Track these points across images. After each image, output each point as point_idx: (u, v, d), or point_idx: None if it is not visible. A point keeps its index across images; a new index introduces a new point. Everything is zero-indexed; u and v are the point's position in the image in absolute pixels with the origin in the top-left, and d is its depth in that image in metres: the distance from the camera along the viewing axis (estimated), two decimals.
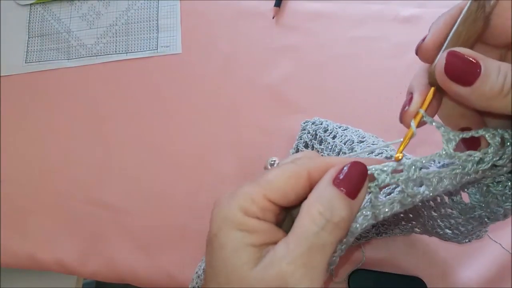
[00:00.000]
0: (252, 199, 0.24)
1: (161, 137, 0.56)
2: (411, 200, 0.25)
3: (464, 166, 0.25)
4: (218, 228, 0.24)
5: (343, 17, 0.59)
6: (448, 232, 0.35)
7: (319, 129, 0.46)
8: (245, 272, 0.22)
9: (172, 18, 0.62)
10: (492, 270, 0.45)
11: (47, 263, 0.52)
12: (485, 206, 0.29)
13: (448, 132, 0.25)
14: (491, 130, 0.25)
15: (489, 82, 0.22)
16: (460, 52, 0.23)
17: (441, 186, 0.25)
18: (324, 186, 0.24)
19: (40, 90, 0.60)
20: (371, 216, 0.25)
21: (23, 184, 0.55)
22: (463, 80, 0.23)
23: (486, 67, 0.22)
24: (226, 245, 0.23)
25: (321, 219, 0.22)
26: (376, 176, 0.24)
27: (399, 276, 0.45)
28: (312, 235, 0.22)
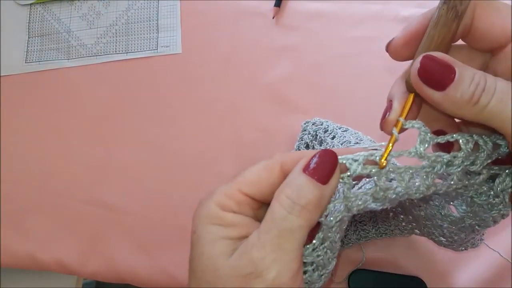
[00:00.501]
0: (227, 194, 0.25)
1: (161, 137, 0.56)
2: (383, 194, 0.25)
3: (433, 166, 0.25)
4: (196, 225, 0.25)
5: (343, 17, 0.59)
6: (442, 240, 0.35)
7: (319, 129, 0.46)
8: (219, 263, 0.23)
9: (172, 18, 0.62)
10: (492, 270, 0.45)
11: (47, 263, 0.52)
12: (473, 215, 0.29)
13: (426, 133, 0.25)
14: (466, 135, 0.25)
15: (461, 89, 0.22)
16: (436, 56, 0.23)
17: (413, 185, 0.25)
18: (295, 174, 0.24)
19: (40, 90, 0.60)
20: (344, 209, 0.25)
21: (23, 184, 0.55)
22: (437, 84, 0.23)
23: (461, 73, 0.22)
24: (202, 239, 0.24)
25: (288, 201, 0.23)
26: (348, 166, 0.25)
27: (399, 276, 0.45)
28: (280, 219, 0.23)
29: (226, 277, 0.22)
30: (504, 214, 0.28)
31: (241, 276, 0.22)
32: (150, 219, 0.52)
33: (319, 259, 0.25)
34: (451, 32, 0.24)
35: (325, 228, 0.25)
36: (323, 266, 0.26)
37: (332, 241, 0.25)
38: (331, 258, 0.26)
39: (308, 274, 0.25)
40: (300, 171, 0.24)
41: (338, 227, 0.25)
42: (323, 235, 0.25)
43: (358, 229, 0.44)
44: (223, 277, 0.22)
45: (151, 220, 0.52)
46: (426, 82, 0.23)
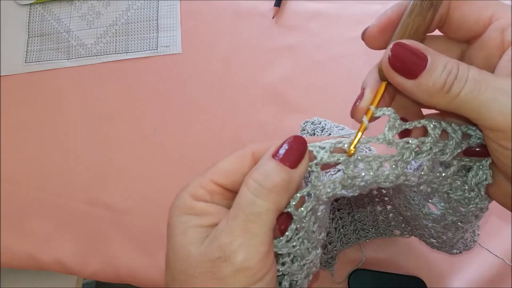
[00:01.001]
0: (200, 184, 0.25)
1: (161, 137, 0.56)
2: (351, 182, 0.25)
3: (402, 153, 0.24)
4: (170, 217, 0.25)
5: (343, 17, 0.59)
6: (433, 241, 0.35)
7: (317, 128, 0.46)
8: (190, 251, 0.23)
9: (172, 18, 0.62)
10: (491, 270, 0.45)
11: (47, 263, 0.52)
12: (453, 211, 0.29)
13: (396, 120, 0.25)
14: (434, 121, 0.25)
15: (433, 77, 0.22)
16: (407, 44, 0.23)
17: (382, 173, 0.25)
18: (264, 160, 0.24)
19: (40, 90, 0.60)
20: (313, 197, 0.25)
21: (23, 184, 0.55)
22: (408, 72, 0.22)
23: (433, 60, 0.22)
24: (175, 230, 0.24)
25: (255, 185, 0.23)
26: (315, 154, 0.24)
27: (399, 276, 0.45)
28: (247, 203, 0.23)
29: (196, 263, 0.22)
30: (482, 207, 0.28)
31: (210, 261, 0.22)
32: (150, 219, 0.52)
33: (295, 249, 0.25)
34: (425, 22, 0.24)
35: (297, 219, 0.25)
36: (302, 256, 0.26)
37: (308, 231, 0.25)
38: (310, 248, 0.26)
39: (286, 265, 0.25)
40: (269, 156, 0.24)
41: (311, 216, 0.25)
42: (295, 226, 0.25)
43: (357, 228, 0.44)
44: (193, 263, 0.22)
45: (151, 220, 0.52)
46: (397, 70, 0.23)
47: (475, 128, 0.25)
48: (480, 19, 0.24)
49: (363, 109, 0.25)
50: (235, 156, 0.26)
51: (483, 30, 0.24)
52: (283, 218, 0.25)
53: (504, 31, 0.23)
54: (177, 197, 0.26)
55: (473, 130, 0.25)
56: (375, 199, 0.41)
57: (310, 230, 0.26)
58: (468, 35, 0.25)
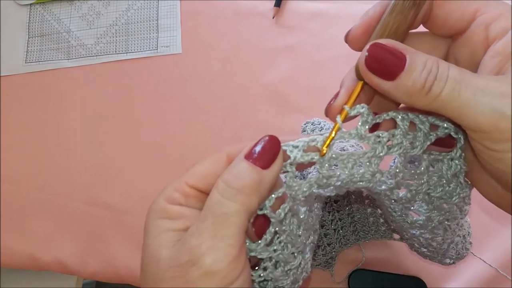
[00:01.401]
0: (175, 187, 0.25)
1: (161, 137, 0.56)
2: (327, 182, 0.24)
3: (374, 148, 0.24)
4: (146, 222, 0.25)
5: (343, 17, 0.59)
6: (424, 250, 0.34)
7: (316, 129, 0.46)
8: (161, 254, 0.23)
9: (172, 18, 0.62)
10: (491, 270, 0.45)
11: (47, 263, 0.52)
12: (438, 211, 0.28)
13: (369, 116, 0.24)
14: (401, 113, 0.25)
15: (413, 76, 0.21)
16: (384, 44, 0.22)
17: (357, 172, 0.24)
18: (236, 161, 0.24)
19: (40, 90, 0.60)
20: (290, 198, 0.24)
21: (23, 184, 0.55)
22: (386, 73, 0.22)
23: (412, 60, 0.21)
24: (149, 233, 0.24)
25: (223, 186, 0.22)
26: (289, 153, 0.24)
27: (399, 276, 0.45)
28: (215, 204, 0.22)
29: (165, 267, 0.22)
30: (465, 196, 0.27)
31: (179, 266, 0.22)
32: None
33: (277, 254, 0.24)
34: (407, 21, 0.23)
35: (274, 222, 0.24)
36: (285, 261, 0.25)
37: (291, 234, 0.25)
38: (296, 253, 0.25)
39: (268, 270, 0.25)
40: (242, 157, 0.23)
41: (291, 219, 0.25)
42: (274, 229, 0.24)
43: (357, 229, 0.44)
44: (163, 267, 0.22)
45: None
46: (374, 71, 0.22)
47: (442, 119, 0.25)
48: (464, 15, 0.24)
49: (337, 108, 0.25)
50: (210, 158, 0.26)
51: (467, 25, 0.24)
52: (261, 221, 0.24)
53: (488, 26, 0.23)
54: (153, 202, 0.25)
55: (441, 120, 0.25)
56: (375, 202, 0.41)
57: (294, 234, 0.25)
58: (453, 31, 0.25)
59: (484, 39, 0.23)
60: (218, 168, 0.25)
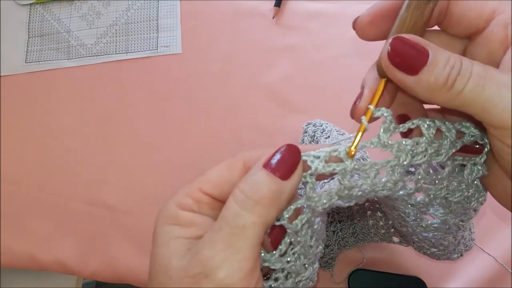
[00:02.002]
0: (187, 193, 0.24)
1: (161, 137, 0.56)
2: (348, 193, 0.24)
3: (398, 156, 0.23)
4: (155, 227, 0.24)
5: (343, 17, 0.59)
6: (434, 250, 0.34)
7: (317, 130, 0.46)
8: (171, 264, 0.22)
9: (172, 18, 0.62)
10: (491, 270, 0.45)
11: (47, 263, 0.52)
12: (454, 214, 0.28)
13: (391, 123, 0.24)
14: (427, 121, 0.24)
15: (435, 72, 0.21)
16: (407, 38, 0.22)
17: (380, 181, 0.24)
18: (254, 169, 0.23)
19: (40, 90, 0.60)
20: (308, 210, 0.24)
21: (23, 184, 0.55)
22: (409, 68, 0.21)
23: (434, 55, 0.21)
24: (158, 240, 0.23)
25: (241, 196, 0.21)
26: (309, 163, 0.23)
27: (399, 276, 0.45)
28: (232, 215, 0.21)
29: (175, 278, 0.21)
30: (482, 201, 0.27)
31: (190, 277, 0.21)
32: (150, 219, 0.52)
33: (290, 265, 0.24)
34: (424, 17, 0.23)
35: (291, 232, 0.23)
36: (297, 273, 0.24)
37: (305, 246, 0.24)
38: (307, 264, 0.25)
39: (280, 281, 0.24)
40: (260, 166, 0.22)
41: (307, 230, 0.24)
42: (290, 240, 0.24)
43: (356, 232, 0.44)
44: (173, 278, 0.21)
45: (151, 220, 0.51)
46: (397, 65, 0.22)
47: (468, 125, 0.25)
48: (482, 14, 0.23)
49: (362, 109, 0.24)
50: (225, 164, 0.25)
51: (485, 25, 0.23)
52: (276, 231, 0.24)
53: (508, 25, 0.22)
54: (163, 206, 0.25)
55: (467, 127, 0.25)
56: (375, 205, 0.41)
57: (307, 245, 0.24)
58: (469, 30, 0.24)
59: (503, 38, 0.23)
60: (234, 176, 0.24)
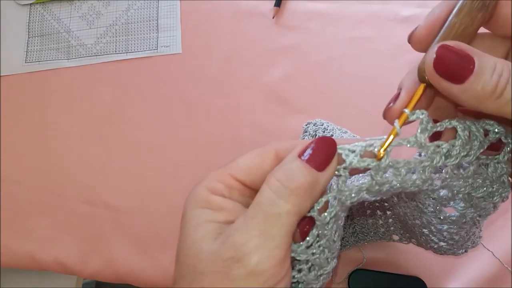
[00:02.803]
0: (218, 178, 0.24)
1: (161, 137, 0.56)
2: (379, 188, 0.24)
3: (432, 158, 0.24)
4: (185, 209, 0.24)
5: (343, 17, 0.59)
6: (443, 245, 0.34)
7: (319, 129, 0.46)
8: (202, 246, 0.22)
9: (172, 18, 0.62)
10: (491, 270, 0.45)
11: (47, 263, 0.52)
12: (474, 208, 0.28)
13: (428, 123, 0.24)
14: (462, 122, 0.24)
15: (482, 80, 0.20)
16: (453, 46, 0.21)
17: (410, 179, 0.24)
18: (289, 159, 0.23)
19: (39, 90, 0.60)
20: (338, 203, 0.24)
21: (23, 184, 0.55)
22: (455, 76, 0.21)
23: (481, 63, 0.21)
24: (188, 223, 0.23)
25: (277, 184, 0.21)
26: (344, 157, 0.23)
27: (399, 276, 0.45)
28: (267, 203, 0.21)
29: (206, 261, 0.21)
30: (505, 196, 0.27)
31: (222, 261, 0.21)
32: (150, 219, 0.52)
33: (314, 257, 0.24)
34: (474, 23, 0.22)
35: (319, 225, 0.24)
36: (320, 266, 0.25)
37: (330, 240, 0.24)
38: (330, 258, 0.25)
39: (303, 273, 0.25)
40: (295, 156, 0.22)
41: (334, 224, 0.24)
42: (317, 232, 0.24)
43: (356, 231, 0.44)
44: (204, 261, 0.21)
45: (151, 220, 0.52)
46: (442, 74, 0.21)
47: (492, 122, 0.25)
48: None
49: (397, 111, 0.24)
50: (257, 152, 0.25)
51: None
52: (305, 223, 0.24)
53: None
54: (193, 190, 0.24)
55: (491, 125, 0.25)
56: (375, 203, 0.41)
57: (331, 239, 0.25)
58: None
59: None
60: (265, 164, 0.24)
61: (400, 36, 0.56)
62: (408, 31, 0.58)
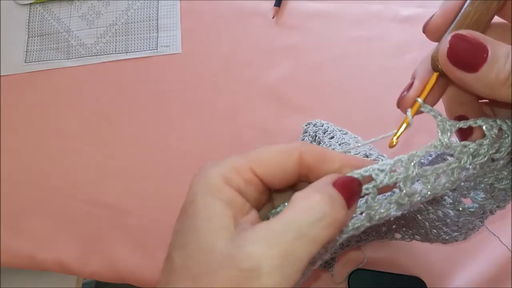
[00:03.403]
0: (236, 169, 0.22)
1: (161, 137, 0.56)
2: (409, 200, 0.23)
3: (459, 158, 0.23)
4: (194, 193, 0.22)
5: (343, 17, 0.59)
6: (456, 235, 0.34)
7: (319, 130, 0.46)
8: (216, 244, 0.20)
9: (172, 18, 0.62)
10: (491, 270, 0.45)
11: (47, 263, 0.52)
12: (494, 200, 0.28)
13: (445, 122, 0.23)
14: (490, 121, 0.24)
15: (496, 68, 0.20)
16: (466, 35, 0.21)
17: (439, 184, 0.23)
18: (325, 183, 0.22)
19: (39, 90, 0.60)
20: (365, 217, 0.23)
21: (23, 184, 0.55)
22: (468, 65, 0.21)
23: (494, 51, 0.20)
24: (201, 212, 0.21)
25: (320, 210, 0.20)
26: (374, 177, 0.23)
27: (399, 276, 0.45)
28: (306, 224, 0.20)
29: (220, 263, 0.19)
30: None
31: (237, 269, 0.19)
32: (150, 219, 0.52)
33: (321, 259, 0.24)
34: (489, 12, 0.22)
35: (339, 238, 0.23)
36: (313, 263, 0.25)
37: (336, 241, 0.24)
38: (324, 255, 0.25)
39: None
40: (330, 183, 0.22)
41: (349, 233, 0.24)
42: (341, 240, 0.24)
43: None
44: (217, 261, 0.19)
45: (151, 220, 0.52)
46: (456, 64, 0.21)
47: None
48: None
49: (411, 100, 0.24)
50: (281, 149, 0.23)
51: None
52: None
53: None
54: (204, 174, 0.22)
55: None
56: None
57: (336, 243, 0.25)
58: None
59: None
60: (288, 164, 0.23)
61: (400, 36, 0.56)
62: (408, 31, 0.58)
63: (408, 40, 0.55)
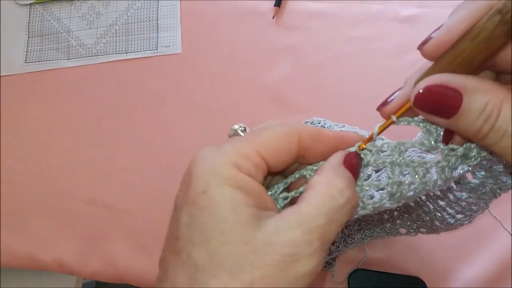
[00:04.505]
0: (245, 154, 0.21)
1: (161, 137, 0.56)
2: (398, 188, 0.23)
3: (448, 160, 0.23)
4: (206, 183, 0.21)
5: (343, 17, 0.59)
6: (460, 217, 0.33)
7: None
8: (248, 234, 0.19)
9: (172, 18, 0.62)
10: (491, 270, 0.45)
11: (47, 263, 0.52)
12: (494, 180, 0.28)
13: (429, 126, 0.23)
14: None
15: (467, 121, 0.20)
16: (440, 84, 0.20)
17: (430, 180, 0.23)
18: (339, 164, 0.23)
19: (39, 90, 0.60)
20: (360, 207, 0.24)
21: (23, 184, 0.55)
22: (440, 113, 0.21)
23: (469, 103, 0.20)
24: (222, 204, 0.20)
25: (344, 196, 0.21)
26: (363, 156, 0.23)
27: (399, 276, 0.45)
28: (334, 209, 0.20)
29: (258, 252, 0.19)
30: None
31: (279, 255, 0.19)
32: (150, 219, 0.52)
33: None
34: (490, 52, 0.19)
35: None
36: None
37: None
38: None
39: None
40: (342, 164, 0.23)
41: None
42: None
43: (362, 228, 0.44)
44: (254, 250, 0.19)
45: (151, 220, 0.52)
46: (425, 111, 0.21)
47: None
48: None
49: (385, 114, 0.24)
50: (283, 133, 0.23)
51: None
52: None
53: None
54: (210, 161, 0.22)
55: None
56: None
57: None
58: None
59: None
60: (290, 146, 0.23)
61: (400, 36, 0.56)
62: (408, 31, 0.58)
63: (408, 40, 0.55)
